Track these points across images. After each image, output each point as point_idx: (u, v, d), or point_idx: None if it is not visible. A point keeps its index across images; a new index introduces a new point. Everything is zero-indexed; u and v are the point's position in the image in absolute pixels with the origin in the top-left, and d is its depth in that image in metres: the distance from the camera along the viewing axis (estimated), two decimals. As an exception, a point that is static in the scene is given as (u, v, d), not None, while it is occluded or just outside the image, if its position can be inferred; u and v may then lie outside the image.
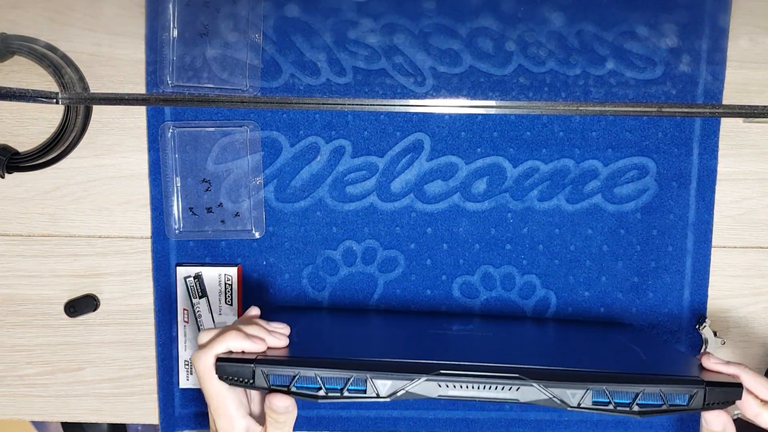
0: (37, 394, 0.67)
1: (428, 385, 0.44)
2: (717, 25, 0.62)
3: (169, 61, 0.62)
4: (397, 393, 0.44)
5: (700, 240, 0.65)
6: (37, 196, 0.64)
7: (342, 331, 0.59)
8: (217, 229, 0.64)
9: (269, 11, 0.62)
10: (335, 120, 0.63)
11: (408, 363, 0.45)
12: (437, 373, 0.44)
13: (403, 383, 0.44)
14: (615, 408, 0.45)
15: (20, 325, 0.66)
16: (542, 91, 0.63)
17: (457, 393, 0.45)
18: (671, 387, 0.45)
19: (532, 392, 0.44)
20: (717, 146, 0.64)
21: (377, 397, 0.44)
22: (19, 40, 0.60)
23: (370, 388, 0.44)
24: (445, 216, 0.64)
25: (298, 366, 0.45)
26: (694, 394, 0.45)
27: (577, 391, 0.44)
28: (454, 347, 0.53)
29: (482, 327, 0.60)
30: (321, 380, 0.45)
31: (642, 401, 0.45)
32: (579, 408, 0.44)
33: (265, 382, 0.45)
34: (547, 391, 0.44)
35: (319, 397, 0.44)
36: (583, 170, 0.64)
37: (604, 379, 0.44)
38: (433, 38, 0.62)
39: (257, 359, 0.45)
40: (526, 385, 0.44)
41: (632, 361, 0.52)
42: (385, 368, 0.44)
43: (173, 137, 0.63)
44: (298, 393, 0.45)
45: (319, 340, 0.55)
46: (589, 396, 0.44)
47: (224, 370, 0.46)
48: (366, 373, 0.44)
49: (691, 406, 0.45)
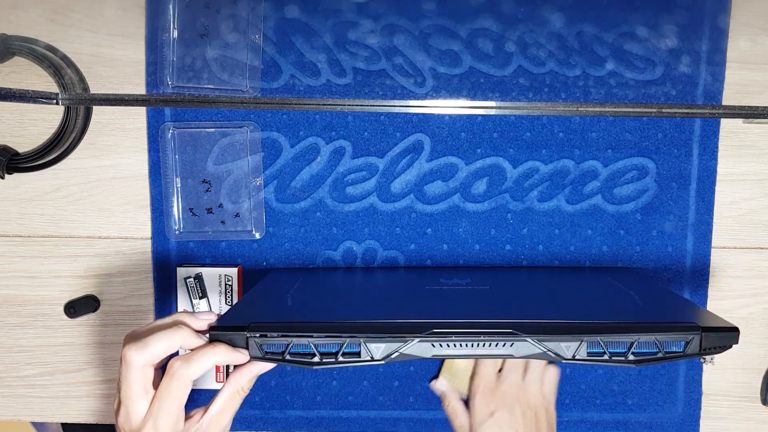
0: (37, 395, 0.67)
1: (422, 346, 0.44)
2: (717, 26, 0.62)
3: (169, 62, 0.62)
4: (391, 355, 0.44)
5: (700, 240, 0.65)
6: (37, 197, 0.64)
7: (335, 292, 0.59)
8: (218, 229, 0.64)
9: (269, 12, 0.62)
10: (335, 121, 0.63)
11: (401, 323, 0.45)
12: (430, 332, 0.44)
13: (396, 345, 0.44)
14: (610, 358, 0.44)
15: (20, 325, 0.66)
16: (542, 91, 0.63)
17: (450, 352, 0.44)
18: (666, 334, 0.44)
19: (526, 347, 0.44)
20: (717, 147, 0.64)
21: (372, 360, 0.44)
22: (20, 41, 0.60)
23: (365, 351, 0.44)
24: (445, 216, 0.64)
25: (292, 331, 0.44)
26: (690, 340, 0.44)
27: (571, 344, 0.44)
28: (448, 305, 0.53)
29: (477, 281, 0.60)
30: (315, 347, 0.44)
31: (637, 350, 0.44)
32: (574, 360, 0.44)
33: (259, 352, 0.45)
34: (541, 345, 0.44)
35: (314, 364, 0.44)
36: (583, 171, 0.64)
37: (598, 330, 0.44)
38: (433, 39, 0.62)
39: (250, 326, 0.45)
40: (519, 341, 0.44)
41: (628, 308, 0.52)
42: (378, 330, 0.44)
43: (173, 138, 0.63)
44: (292, 360, 0.44)
45: (312, 304, 0.54)
46: (584, 348, 0.44)
47: (217, 339, 0.45)
48: (360, 338, 0.44)
49: (687, 352, 0.44)
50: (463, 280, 0.60)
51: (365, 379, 0.66)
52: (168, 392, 0.45)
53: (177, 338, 0.46)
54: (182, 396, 0.45)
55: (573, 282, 0.61)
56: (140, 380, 0.45)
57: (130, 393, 0.45)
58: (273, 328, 0.45)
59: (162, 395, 0.45)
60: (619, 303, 0.53)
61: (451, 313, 0.49)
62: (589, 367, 0.65)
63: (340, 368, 0.65)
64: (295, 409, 0.66)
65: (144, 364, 0.45)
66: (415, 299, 0.55)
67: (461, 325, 0.45)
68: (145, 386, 0.46)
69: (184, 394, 0.46)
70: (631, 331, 0.44)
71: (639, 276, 0.62)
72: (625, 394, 0.66)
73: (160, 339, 0.46)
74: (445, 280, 0.59)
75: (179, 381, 0.45)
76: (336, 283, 0.62)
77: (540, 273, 0.63)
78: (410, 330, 0.44)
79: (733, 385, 0.67)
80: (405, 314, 0.47)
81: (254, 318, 0.46)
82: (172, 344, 0.46)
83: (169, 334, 0.46)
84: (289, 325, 0.45)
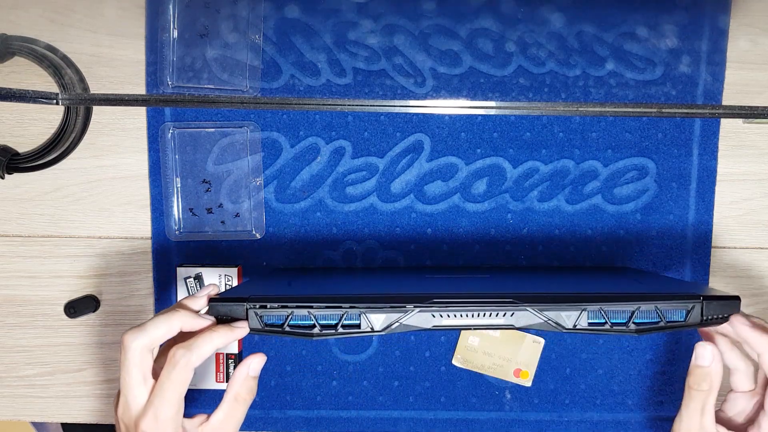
0: (37, 395, 0.67)
1: (422, 316, 0.44)
2: (717, 26, 0.62)
3: (169, 62, 0.62)
4: (391, 326, 0.44)
5: (700, 240, 0.65)
6: (37, 197, 0.64)
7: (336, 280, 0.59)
8: (217, 229, 0.64)
9: (269, 12, 0.62)
10: (335, 121, 0.63)
11: (401, 295, 0.44)
12: (431, 302, 0.44)
13: (396, 315, 0.44)
14: (611, 327, 0.44)
15: (20, 325, 0.66)
16: (542, 91, 0.63)
17: (451, 322, 0.44)
18: (667, 303, 0.44)
19: (527, 316, 0.44)
20: (717, 147, 0.64)
21: (372, 331, 0.44)
22: (20, 41, 0.60)
23: (365, 322, 0.44)
24: (445, 216, 0.64)
25: (291, 302, 0.44)
26: (691, 308, 0.44)
27: (572, 313, 0.44)
28: (448, 285, 0.53)
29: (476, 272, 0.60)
30: (315, 317, 0.44)
31: (638, 320, 0.44)
32: (575, 330, 0.44)
33: (259, 323, 0.44)
34: (542, 315, 0.44)
35: (314, 335, 0.44)
36: (583, 171, 0.64)
37: (599, 300, 0.44)
38: (433, 39, 0.62)
39: (250, 298, 0.44)
40: (520, 310, 0.43)
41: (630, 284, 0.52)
42: (377, 300, 0.44)
43: (173, 138, 0.63)
44: (292, 332, 0.44)
45: (312, 285, 0.54)
46: (585, 317, 0.44)
47: (216, 310, 0.45)
48: (359, 309, 0.43)
49: (688, 321, 0.44)
50: (462, 275, 0.60)
51: (365, 379, 0.66)
52: (169, 380, 0.44)
53: (176, 320, 0.45)
54: (184, 384, 0.44)
55: (573, 272, 0.61)
56: (139, 366, 0.44)
57: (129, 380, 0.44)
58: (273, 299, 0.44)
59: (163, 384, 0.44)
60: (621, 280, 0.53)
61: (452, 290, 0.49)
62: (589, 366, 0.65)
63: (340, 368, 0.65)
64: (295, 409, 0.66)
65: (142, 348, 0.44)
66: (415, 283, 0.55)
67: (462, 295, 0.44)
68: (144, 374, 0.45)
69: (186, 382, 0.44)
70: (633, 300, 0.44)
71: (639, 271, 0.62)
72: (625, 394, 0.66)
73: (158, 322, 0.45)
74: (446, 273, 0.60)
75: (181, 368, 0.44)
76: (336, 274, 0.62)
77: (540, 271, 0.63)
78: (410, 301, 0.44)
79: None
80: (405, 290, 0.47)
81: (254, 293, 0.46)
82: (171, 327, 0.45)
83: (168, 317, 0.45)
84: (290, 297, 0.45)
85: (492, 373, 0.65)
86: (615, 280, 0.54)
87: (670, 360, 0.65)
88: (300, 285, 0.53)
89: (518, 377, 0.65)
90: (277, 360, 0.65)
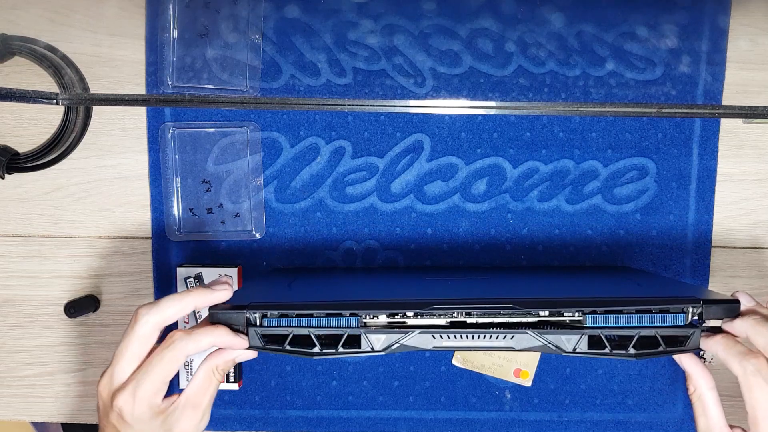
0: (37, 395, 0.67)
1: (422, 338, 0.44)
2: (717, 26, 0.62)
3: (169, 62, 0.62)
4: (391, 346, 0.44)
5: (700, 240, 0.65)
6: (37, 197, 0.64)
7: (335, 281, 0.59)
8: (218, 229, 0.64)
9: (269, 12, 0.62)
10: (335, 121, 0.63)
11: (400, 301, 0.45)
12: (431, 308, 0.44)
13: (397, 336, 0.44)
14: (611, 352, 0.44)
15: (20, 325, 0.66)
16: (542, 91, 0.63)
17: (451, 344, 0.44)
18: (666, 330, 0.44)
19: (527, 339, 0.44)
20: (717, 147, 0.64)
21: (372, 351, 0.44)
22: (20, 41, 0.60)
23: (365, 342, 0.44)
24: (445, 216, 0.64)
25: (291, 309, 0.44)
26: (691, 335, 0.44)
27: (572, 337, 0.44)
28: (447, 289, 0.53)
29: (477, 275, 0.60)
30: (315, 338, 0.44)
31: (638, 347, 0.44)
32: (575, 353, 0.44)
33: (259, 342, 0.44)
34: (542, 338, 0.44)
35: (314, 354, 0.44)
36: (583, 171, 0.64)
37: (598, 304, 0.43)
38: (433, 39, 0.62)
39: (250, 305, 0.44)
40: (520, 333, 0.44)
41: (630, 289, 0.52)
42: (377, 307, 0.44)
43: (173, 138, 0.63)
44: (292, 351, 0.44)
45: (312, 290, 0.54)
46: (585, 341, 0.44)
47: (217, 318, 0.45)
48: (360, 329, 0.44)
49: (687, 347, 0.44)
50: (463, 275, 0.60)
51: (365, 379, 0.66)
52: (160, 360, 0.44)
53: (189, 300, 0.45)
54: (172, 368, 0.44)
55: (573, 273, 0.61)
56: (141, 340, 0.44)
57: (125, 351, 0.44)
58: (272, 306, 0.44)
59: (152, 361, 0.44)
60: (621, 285, 0.53)
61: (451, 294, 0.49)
62: (589, 366, 0.65)
63: (340, 368, 0.65)
64: (295, 409, 0.66)
65: (153, 324, 0.44)
66: (415, 285, 0.55)
67: (461, 301, 0.44)
68: (141, 349, 0.44)
69: (174, 368, 0.44)
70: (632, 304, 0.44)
71: (639, 271, 0.62)
72: (625, 394, 0.66)
73: (172, 300, 0.45)
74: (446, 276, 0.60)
75: (174, 351, 0.44)
76: (336, 275, 0.62)
77: (540, 270, 0.63)
78: (410, 307, 0.44)
79: (734, 385, 0.67)
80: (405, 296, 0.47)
81: (254, 299, 0.45)
82: (185, 306, 0.45)
83: (181, 296, 0.45)
84: (289, 304, 0.45)
85: (492, 373, 0.65)
86: (615, 285, 0.54)
87: (671, 360, 0.65)
88: (299, 289, 0.53)
89: (518, 377, 0.65)
90: (277, 360, 0.65)
